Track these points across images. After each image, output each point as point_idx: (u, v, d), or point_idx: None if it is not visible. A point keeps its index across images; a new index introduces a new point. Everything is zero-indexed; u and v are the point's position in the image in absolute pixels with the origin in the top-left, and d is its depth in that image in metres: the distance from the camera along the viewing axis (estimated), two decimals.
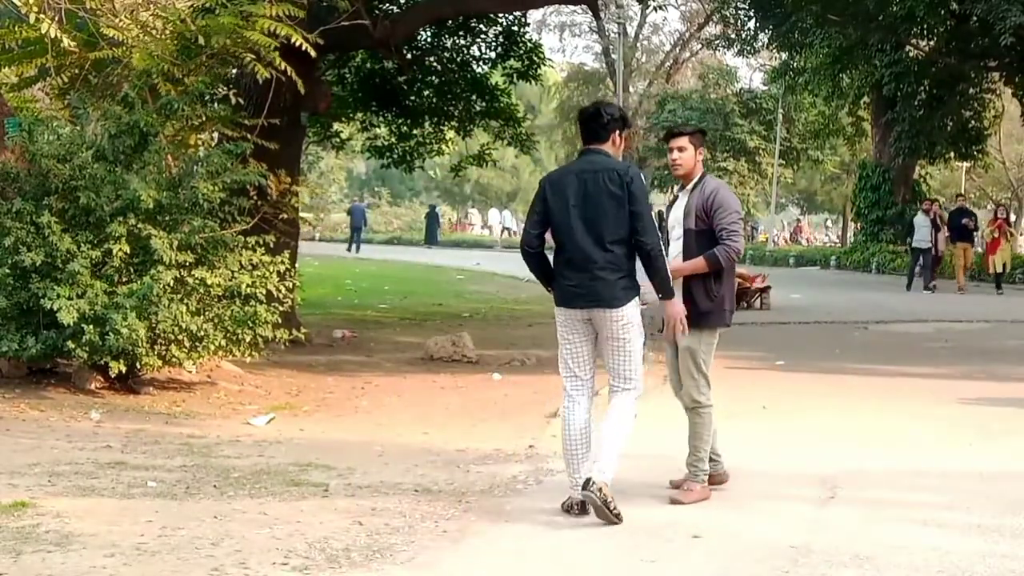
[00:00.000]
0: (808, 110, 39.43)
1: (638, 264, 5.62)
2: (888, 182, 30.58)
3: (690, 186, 6.07)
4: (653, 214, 5.74)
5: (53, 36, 8.15)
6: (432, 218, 49.45)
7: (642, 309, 5.68)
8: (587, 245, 5.52)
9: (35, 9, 7.98)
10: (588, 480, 5.32)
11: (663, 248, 5.64)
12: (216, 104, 11.31)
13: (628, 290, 5.52)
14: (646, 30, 48.22)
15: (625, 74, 36.46)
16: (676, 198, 6.28)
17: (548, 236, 5.75)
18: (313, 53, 9.44)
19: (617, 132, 5.71)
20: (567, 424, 5.64)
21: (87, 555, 4.66)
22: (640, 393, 5.65)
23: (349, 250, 39.02)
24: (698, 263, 5.92)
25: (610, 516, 5.31)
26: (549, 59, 20.74)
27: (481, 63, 17.84)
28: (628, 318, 5.52)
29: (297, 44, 9.28)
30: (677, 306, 5.73)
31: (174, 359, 8.87)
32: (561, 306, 5.67)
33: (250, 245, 9.18)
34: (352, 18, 10.88)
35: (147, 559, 4.65)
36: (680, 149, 6.07)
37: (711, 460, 6.09)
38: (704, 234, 5.95)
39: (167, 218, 8.91)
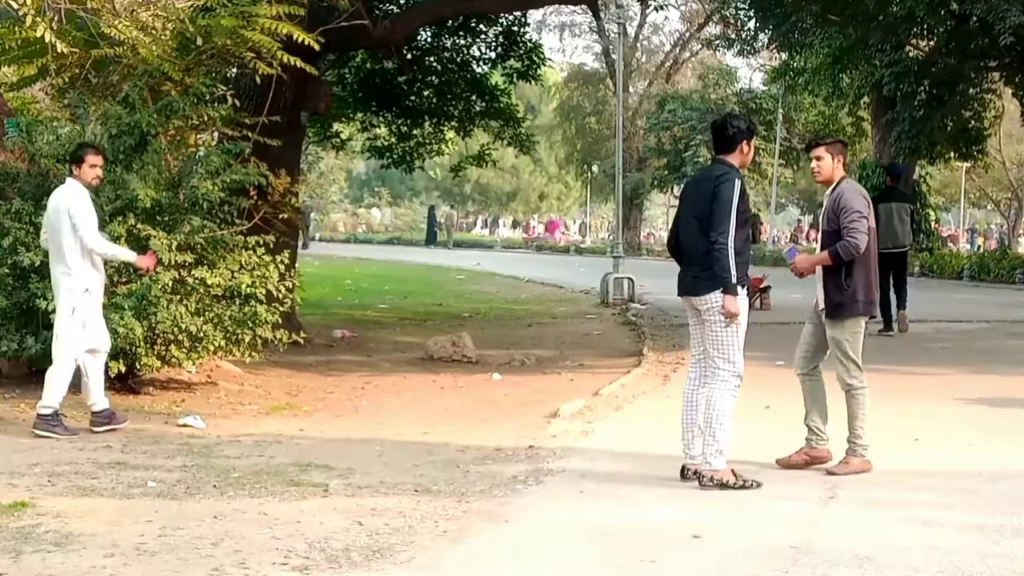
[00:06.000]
0: (808, 110, 39.37)
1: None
2: None
3: (828, 191, 6.58)
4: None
5: (48, 40, 8.14)
6: (432, 218, 50.01)
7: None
8: (687, 242, 6.27)
9: (32, 12, 7.96)
10: (699, 475, 6.09)
11: (729, 244, 6.02)
12: (215, 104, 11.31)
13: (709, 281, 6.09)
14: (646, 30, 48.10)
15: (625, 74, 36.35)
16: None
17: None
18: (316, 46, 9.41)
19: (745, 142, 6.25)
20: (684, 396, 6.37)
21: (87, 555, 4.67)
22: (736, 373, 6.18)
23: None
24: (823, 256, 6.54)
25: (743, 491, 5.97)
26: (549, 59, 20.76)
27: (481, 63, 17.84)
28: (710, 304, 6.12)
29: (299, 41, 9.25)
30: (733, 305, 6.09)
31: (173, 359, 8.87)
32: (678, 295, 6.42)
33: (250, 245, 9.17)
34: (352, 18, 10.88)
35: (147, 559, 4.65)
36: (818, 158, 6.61)
37: (817, 437, 6.63)
38: (835, 234, 6.49)
39: (166, 218, 8.91)
